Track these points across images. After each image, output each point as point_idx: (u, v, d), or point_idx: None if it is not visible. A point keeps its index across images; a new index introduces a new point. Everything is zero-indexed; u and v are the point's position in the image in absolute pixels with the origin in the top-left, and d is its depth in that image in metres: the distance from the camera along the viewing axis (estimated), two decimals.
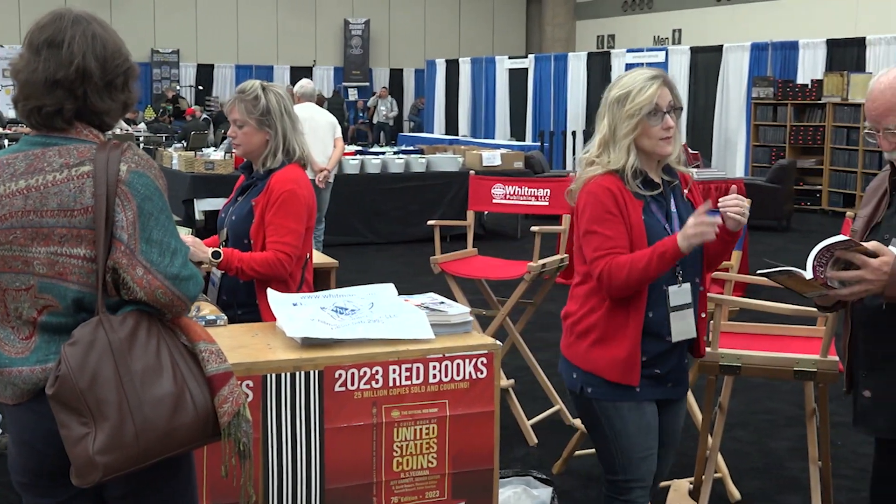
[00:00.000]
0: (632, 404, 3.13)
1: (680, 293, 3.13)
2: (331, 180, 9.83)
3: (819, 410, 4.24)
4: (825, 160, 15.72)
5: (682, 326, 3.14)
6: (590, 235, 3.07)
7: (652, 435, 3.19)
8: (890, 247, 2.80)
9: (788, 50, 17.53)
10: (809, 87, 16.09)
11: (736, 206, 3.03)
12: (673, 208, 3.16)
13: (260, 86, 3.81)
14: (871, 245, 2.76)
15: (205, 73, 26.72)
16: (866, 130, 2.98)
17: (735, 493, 4.63)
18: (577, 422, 4.80)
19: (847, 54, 16.55)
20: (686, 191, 3.22)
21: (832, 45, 16.85)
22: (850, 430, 5.37)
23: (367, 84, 28.35)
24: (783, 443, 5.42)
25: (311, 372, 2.87)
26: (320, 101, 10.68)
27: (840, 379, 3.85)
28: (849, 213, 4.71)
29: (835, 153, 15.63)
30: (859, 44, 16.43)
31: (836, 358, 3.82)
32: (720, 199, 3.08)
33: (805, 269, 2.78)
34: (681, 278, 3.12)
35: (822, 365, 3.81)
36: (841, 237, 2.81)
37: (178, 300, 2.28)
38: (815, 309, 4.34)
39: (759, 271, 2.90)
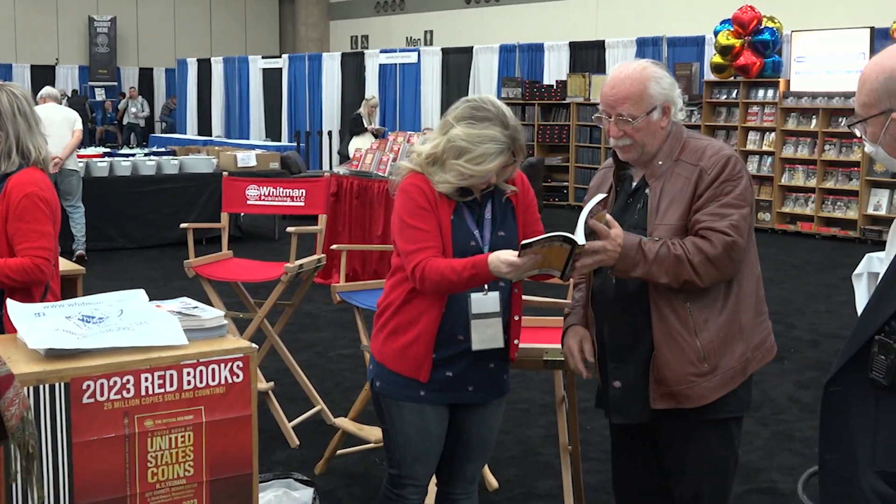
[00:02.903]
0: (414, 406, 3.14)
1: (485, 301, 3.08)
2: (76, 168, 10.45)
3: (568, 397, 4.43)
4: (570, 158, 16.43)
5: (485, 335, 3.08)
6: (404, 229, 3.07)
7: (431, 440, 3.19)
8: None
9: (535, 52, 18.21)
10: (555, 87, 16.76)
11: None
12: (487, 215, 3.13)
13: None
14: (608, 218, 2.90)
15: None
16: (597, 115, 3.11)
17: (493, 481, 4.76)
18: (339, 421, 4.81)
19: (588, 56, 17.36)
20: (509, 191, 3.18)
21: (575, 47, 17.62)
22: (598, 415, 5.66)
23: (115, 84, 27.42)
24: (537, 430, 5.62)
25: (57, 384, 2.74)
26: (59, 99, 10.56)
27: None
28: None
29: (579, 151, 16.36)
30: (599, 46, 17.25)
31: None
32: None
33: (576, 235, 2.77)
34: (486, 287, 3.07)
35: None
36: (599, 195, 2.91)
37: None
38: (563, 301, 4.56)
39: (523, 241, 2.82)
